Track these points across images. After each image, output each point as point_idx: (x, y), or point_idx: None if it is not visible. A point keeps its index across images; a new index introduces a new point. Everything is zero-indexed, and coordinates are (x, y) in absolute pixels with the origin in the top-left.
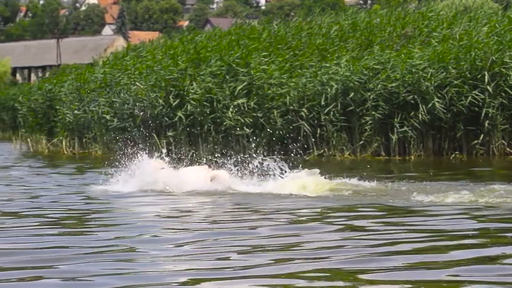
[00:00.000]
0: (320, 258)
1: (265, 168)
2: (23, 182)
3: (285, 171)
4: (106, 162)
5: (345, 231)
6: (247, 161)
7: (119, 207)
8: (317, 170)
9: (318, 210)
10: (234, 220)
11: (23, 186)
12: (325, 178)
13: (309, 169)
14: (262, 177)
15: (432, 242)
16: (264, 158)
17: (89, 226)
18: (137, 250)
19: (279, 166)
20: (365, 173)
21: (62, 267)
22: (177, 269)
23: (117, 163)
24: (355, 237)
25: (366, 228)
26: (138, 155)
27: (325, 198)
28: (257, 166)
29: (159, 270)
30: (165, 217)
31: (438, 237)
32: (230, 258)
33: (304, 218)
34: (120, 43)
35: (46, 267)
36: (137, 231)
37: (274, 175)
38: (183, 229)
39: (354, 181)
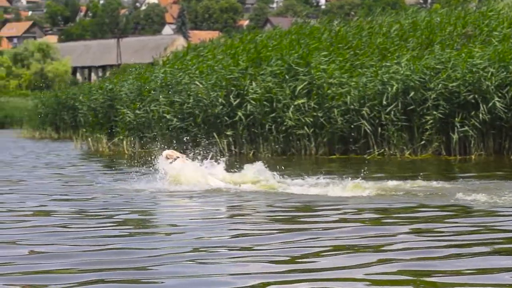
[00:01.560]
0: (400, 260)
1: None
2: (87, 181)
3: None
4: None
5: (417, 232)
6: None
7: (176, 207)
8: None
9: (381, 210)
10: (296, 221)
11: (89, 186)
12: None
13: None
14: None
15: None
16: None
17: (153, 226)
18: (201, 250)
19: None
20: (425, 173)
21: (126, 269)
22: (249, 271)
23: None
24: (428, 238)
25: (438, 229)
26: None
27: (384, 198)
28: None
29: (229, 273)
30: (226, 217)
31: None
32: (308, 259)
33: (367, 219)
34: (180, 42)
35: (109, 269)
36: (200, 232)
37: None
38: (248, 229)
39: (419, 181)
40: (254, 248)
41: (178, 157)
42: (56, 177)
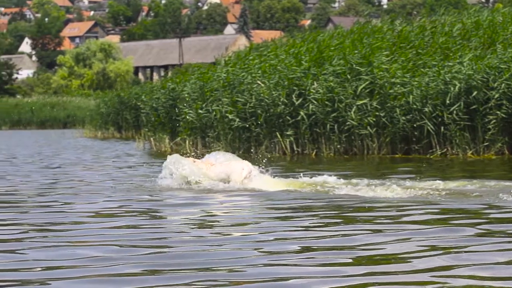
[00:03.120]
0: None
1: None
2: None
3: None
4: None
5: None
6: None
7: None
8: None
9: (446, 211)
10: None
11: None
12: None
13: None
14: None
15: None
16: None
17: (221, 226)
18: (267, 251)
19: None
20: (490, 173)
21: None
22: (346, 273)
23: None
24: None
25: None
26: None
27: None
28: None
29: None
30: (283, 214)
31: None
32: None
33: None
34: (242, 42)
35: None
36: (262, 230)
37: None
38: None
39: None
40: (348, 248)
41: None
42: (131, 177)
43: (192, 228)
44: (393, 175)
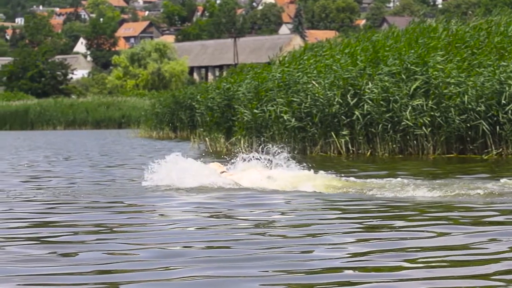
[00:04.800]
0: None
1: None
2: None
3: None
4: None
5: None
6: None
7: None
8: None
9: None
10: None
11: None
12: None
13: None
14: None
15: None
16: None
17: (275, 227)
18: (315, 253)
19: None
20: None
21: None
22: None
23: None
24: None
25: None
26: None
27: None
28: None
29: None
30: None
31: None
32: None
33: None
34: (297, 42)
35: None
36: (309, 233)
37: None
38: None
39: None
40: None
41: (223, 172)
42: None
43: (264, 228)
44: (465, 175)
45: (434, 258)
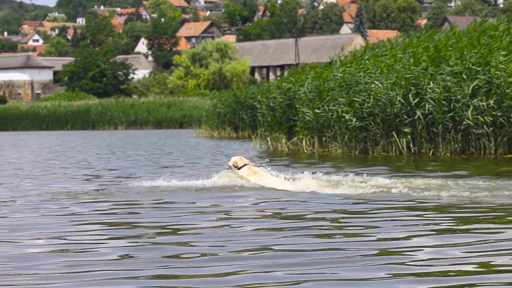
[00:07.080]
0: None
1: None
2: None
3: None
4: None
5: None
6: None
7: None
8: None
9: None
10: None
11: None
12: None
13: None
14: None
15: None
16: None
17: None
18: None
19: None
20: None
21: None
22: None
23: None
24: None
25: None
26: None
27: None
28: None
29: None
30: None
31: None
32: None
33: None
34: (358, 41)
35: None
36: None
37: None
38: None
39: None
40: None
41: (246, 164)
42: None
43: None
44: None
45: None
